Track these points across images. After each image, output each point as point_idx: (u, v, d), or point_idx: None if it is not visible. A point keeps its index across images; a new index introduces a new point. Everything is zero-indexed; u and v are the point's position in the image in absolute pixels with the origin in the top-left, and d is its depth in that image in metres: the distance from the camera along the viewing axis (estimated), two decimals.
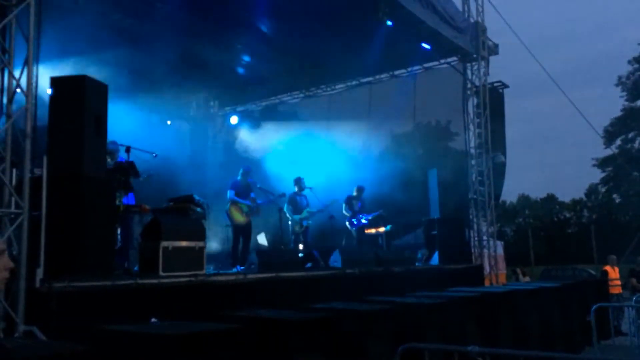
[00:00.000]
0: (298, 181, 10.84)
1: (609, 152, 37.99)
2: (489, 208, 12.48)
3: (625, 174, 37.46)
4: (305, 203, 10.76)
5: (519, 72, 35.23)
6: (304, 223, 10.60)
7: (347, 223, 11.39)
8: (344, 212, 11.36)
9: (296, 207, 10.57)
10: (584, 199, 56.21)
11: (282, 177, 11.35)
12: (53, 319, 4.53)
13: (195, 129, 15.01)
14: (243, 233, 9.54)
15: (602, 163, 40.82)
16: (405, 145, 13.36)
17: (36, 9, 5.32)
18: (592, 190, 51.96)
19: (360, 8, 10.01)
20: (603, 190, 45.48)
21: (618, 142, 39.59)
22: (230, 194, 9.58)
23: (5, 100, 5.24)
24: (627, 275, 13.66)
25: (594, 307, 8.38)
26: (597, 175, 43.19)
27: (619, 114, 39.90)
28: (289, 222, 10.47)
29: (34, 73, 5.35)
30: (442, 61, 13.01)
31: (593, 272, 18.45)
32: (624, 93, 39.72)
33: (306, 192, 10.95)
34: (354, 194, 11.67)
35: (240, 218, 9.51)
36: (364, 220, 11.41)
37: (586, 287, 10.86)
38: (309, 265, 8.76)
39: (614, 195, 43.40)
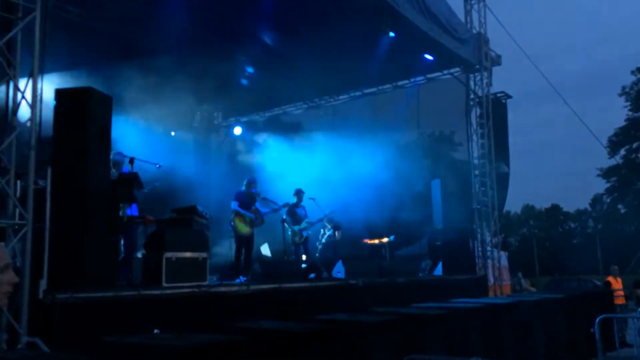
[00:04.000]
0: (298, 192, 10.88)
1: (613, 162, 37.96)
2: (492, 218, 12.46)
3: (629, 184, 37.35)
4: (304, 214, 10.79)
5: (522, 83, 35.28)
6: (304, 233, 10.62)
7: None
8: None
9: (295, 218, 10.61)
10: (589, 209, 56.03)
11: (285, 188, 11.35)
12: (56, 330, 4.54)
13: (199, 140, 15.07)
14: (246, 244, 9.54)
15: (607, 173, 40.69)
16: (409, 155, 13.35)
17: (41, 22, 5.37)
18: (596, 201, 51.80)
19: (363, 19, 10.05)
20: (608, 200, 45.34)
21: (622, 152, 39.51)
22: (234, 205, 9.59)
23: (10, 112, 5.28)
24: (632, 286, 13.60)
25: (598, 319, 8.32)
26: (601, 185, 43.10)
27: (623, 124, 39.89)
28: (289, 233, 10.49)
29: (39, 85, 5.39)
30: (445, 72, 13.05)
31: (598, 282, 18.37)
32: (628, 103, 39.73)
33: (308, 202, 10.97)
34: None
35: (244, 229, 9.51)
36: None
37: (591, 298, 10.79)
38: (312, 276, 8.75)
39: (619, 206, 43.25)
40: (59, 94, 5.80)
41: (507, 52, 13.39)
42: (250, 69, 12.49)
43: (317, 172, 12.15)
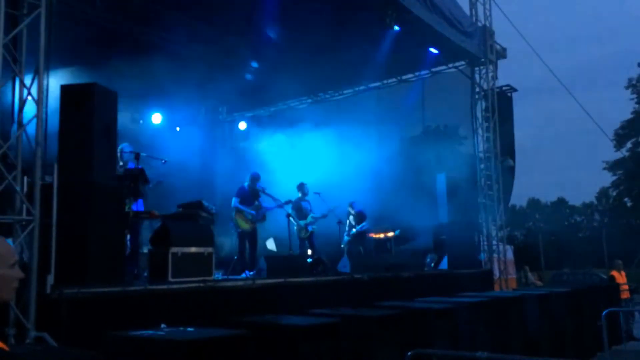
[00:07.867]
0: (301, 187, 10.89)
1: (619, 155, 37.76)
2: (498, 212, 12.43)
3: (636, 177, 37.21)
4: (309, 208, 10.78)
5: (527, 76, 35.13)
6: (309, 228, 10.63)
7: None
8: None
9: (301, 213, 10.61)
10: (595, 202, 55.89)
11: (290, 183, 11.36)
12: (63, 325, 4.57)
13: (204, 135, 15.08)
14: (249, 239, 9.55)
15: (613, 166, 40.55)
16: (414, 149, 13.34)
17: (47, 18, 5.38)
18: (603, 194, 51.64)
19: (368, 13, 10.03)
20: (614, 193, 45.19)
21: (629, 145, 39.34)
22: (234, 201, 9.57)
23: (16, 108, 5.30)
24: (638, 279, 13.54)
25: (604, 312, 8.32)
26: (608, 178, 42.95)
27: (629, 116, 39.69)
28: (295, 228, 10.50)
29: (45, 81, 5.40)
30: (450, 65, 13.00)
31: (604, 276, 18.32)
32: (634, 96, 39.53)
33: (313, 197, 10.98)
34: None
35: (245, 225, 9.51)
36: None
37: (597, 292, 10.77)
38: (317, 270, 8.76)
39: (625, 199, 43.10)
40: (65, 90, 5.82)
41: (513, 45, 13.35)
42: (254, 64, 12.48)
43: (322, 166, 12.14)
